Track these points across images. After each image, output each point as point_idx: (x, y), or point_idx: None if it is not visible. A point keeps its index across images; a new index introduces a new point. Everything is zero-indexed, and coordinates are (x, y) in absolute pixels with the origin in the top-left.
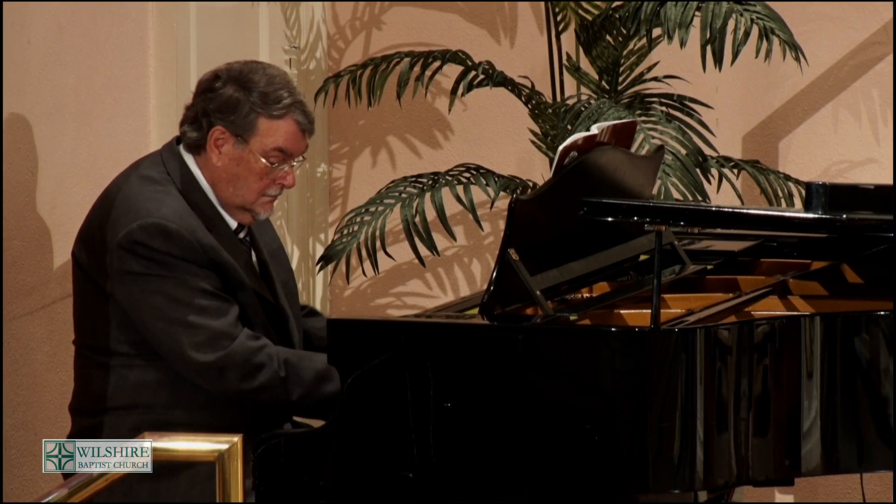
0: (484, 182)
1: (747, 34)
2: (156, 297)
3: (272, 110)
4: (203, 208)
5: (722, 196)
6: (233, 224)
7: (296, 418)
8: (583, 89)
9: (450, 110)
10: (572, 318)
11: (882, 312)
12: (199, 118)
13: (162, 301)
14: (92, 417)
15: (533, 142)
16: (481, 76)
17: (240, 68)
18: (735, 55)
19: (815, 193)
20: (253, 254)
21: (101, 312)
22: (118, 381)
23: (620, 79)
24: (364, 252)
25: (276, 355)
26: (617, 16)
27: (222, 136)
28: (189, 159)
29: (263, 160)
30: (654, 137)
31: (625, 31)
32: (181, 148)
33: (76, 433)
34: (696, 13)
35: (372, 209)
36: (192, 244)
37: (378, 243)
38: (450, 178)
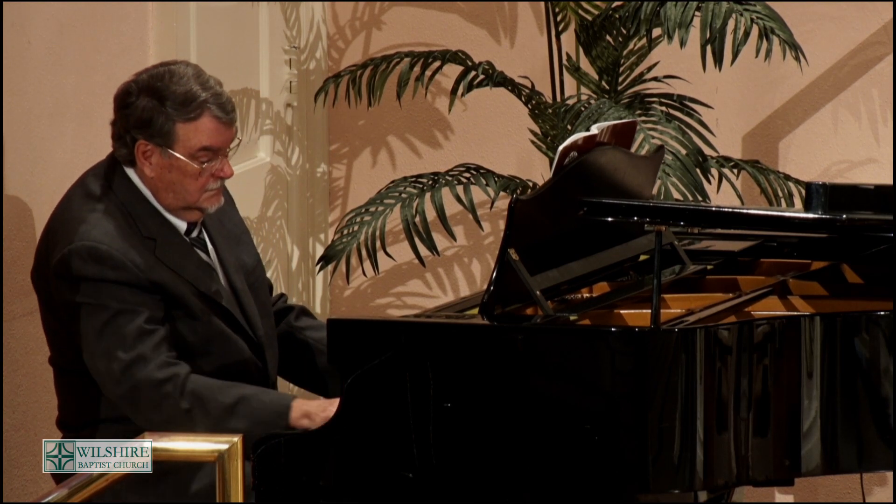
0: (484, 182)
1: (747, 34)
2: (87, 325)
3: (186, 113)
4: (147, 218)
5: (722, 196)
6: (182, 226)
7: None
8: (583, 89)
9: (450, 110)
10: (572, 318)
11: (882, 312)
12: (122, 135)
13: (90, 331)
14: (79, 430)
15: (533, 142)
16: (481, 76)
17: (147, 77)
18: (735, 55)
19: (815, 193)
20: (211, 249)
21: (62, 333)
22: (97, 395)
23: (620, 79)
24: (364, 252)
25: (181, 386)
26: (617, 16)
27: (147, 149)
28: (129, 170)
29: (193, 163)
30: (654, 137)
31: (625, 31)
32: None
33: None
34: (696, 13)
35: (372, 209)
36: (125, 264)
37: (378, 243)
38: (450, 178)
